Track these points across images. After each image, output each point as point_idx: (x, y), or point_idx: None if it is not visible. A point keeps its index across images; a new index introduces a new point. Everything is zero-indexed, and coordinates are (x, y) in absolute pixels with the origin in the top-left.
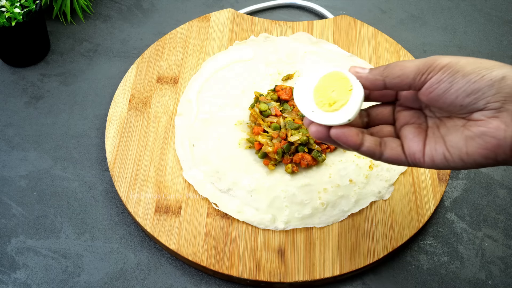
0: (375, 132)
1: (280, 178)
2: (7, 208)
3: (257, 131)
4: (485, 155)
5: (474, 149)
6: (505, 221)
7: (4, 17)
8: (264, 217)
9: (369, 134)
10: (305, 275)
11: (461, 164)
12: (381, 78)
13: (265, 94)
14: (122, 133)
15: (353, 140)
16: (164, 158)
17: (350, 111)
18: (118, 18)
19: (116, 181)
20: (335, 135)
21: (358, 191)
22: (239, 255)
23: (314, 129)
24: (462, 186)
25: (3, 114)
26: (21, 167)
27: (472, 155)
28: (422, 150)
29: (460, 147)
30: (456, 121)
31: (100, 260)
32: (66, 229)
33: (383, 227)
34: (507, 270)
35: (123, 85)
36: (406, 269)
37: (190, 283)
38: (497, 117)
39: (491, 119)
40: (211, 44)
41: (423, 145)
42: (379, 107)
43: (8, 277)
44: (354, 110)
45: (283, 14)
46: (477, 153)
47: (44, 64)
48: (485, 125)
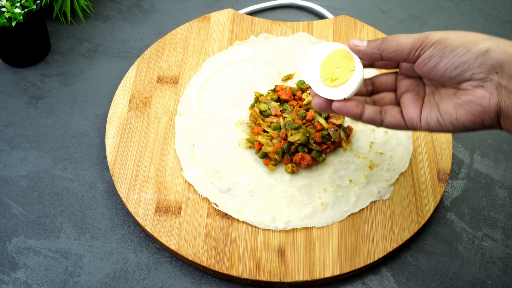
0: (377, 99)
1: (280, 178)
2: (7, 208)
3: (257, 131)
4: (473, 120)
5: (463, 115)
6: (505, 221)
7: (5, 17)
8: (264, 217)
9: (372, 102)
10: (305, 275)
11: (452, 128)
12: (378, 52)
13: (265, 94)
14: (122, 133)
15: (353, 111)
16: (164, 158)
17: (348, 90)
18: (118, 18)
19: (116, 181)
20: (336, 108)
21: (358, 191)
22: (239, 255)
23: (316, 101)
24: (462, 186)
25: (3, 114)
26: (21, 167)
27: (461, 120)
28: (419, 115)
29: (451, 113)
30: (448, 90)
31: (100, 260)
32: (66, 229)
33: (383, 227)
34: (507, 270)
35: (123, 85)
36: (406, 269)
37: (190, 283)
38: (482, 87)
39: (477, 89)
40: (211, 44)
41: (420, 111)
42: (383, 77)
43: (9, 277)
44: (351, 90)
45: (283, 14)
46: (465, 119)
47: (44, 64)
48: (471, 94)
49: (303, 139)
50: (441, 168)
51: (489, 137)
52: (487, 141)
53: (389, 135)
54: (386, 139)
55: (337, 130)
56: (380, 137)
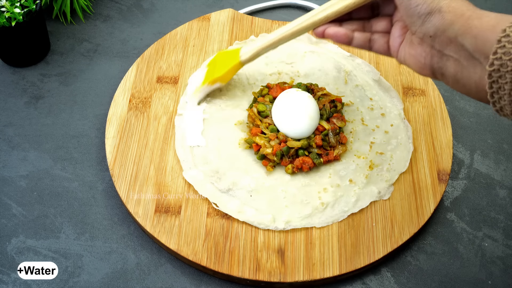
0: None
1: (280, 178)
2: (7, 208)
3: (255, 132)
4: (419, 71)
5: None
6: (505, 221)
7: (4, 17)
8: (264, 217)
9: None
10: (305, 275)
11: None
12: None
13: (257, 91)
14: (122, 133)
15: (343, 38)
16: (164, 158)
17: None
18: (118, 18)
19: (116, 181)
20: (328, 34)
21: (358, 191)
22: (239, 255)
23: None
24: (462, 186)
25: (3, 114)
26: (21, 167)
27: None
28: (398, 49)
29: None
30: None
31: (100, 260)
32: (66, 229)
33: (383, 227)
34: (507, 270)
35: (123, 85)
36: (406, 269)
37: (190, 283)
38: (421, 45)
39: (419, 45)
40: (211, 44)
41: (399, 44)
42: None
43: (8, 277)
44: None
45: (283, 14)
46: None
47: (44, 64)
48: (415, 48)
49: (304, 144)
50: (441, 168)
51: (490, 137)
52: (487, 141)
53: (389, 135)
54: (386, 139)
55: (337, 133)
56: (380, 137)
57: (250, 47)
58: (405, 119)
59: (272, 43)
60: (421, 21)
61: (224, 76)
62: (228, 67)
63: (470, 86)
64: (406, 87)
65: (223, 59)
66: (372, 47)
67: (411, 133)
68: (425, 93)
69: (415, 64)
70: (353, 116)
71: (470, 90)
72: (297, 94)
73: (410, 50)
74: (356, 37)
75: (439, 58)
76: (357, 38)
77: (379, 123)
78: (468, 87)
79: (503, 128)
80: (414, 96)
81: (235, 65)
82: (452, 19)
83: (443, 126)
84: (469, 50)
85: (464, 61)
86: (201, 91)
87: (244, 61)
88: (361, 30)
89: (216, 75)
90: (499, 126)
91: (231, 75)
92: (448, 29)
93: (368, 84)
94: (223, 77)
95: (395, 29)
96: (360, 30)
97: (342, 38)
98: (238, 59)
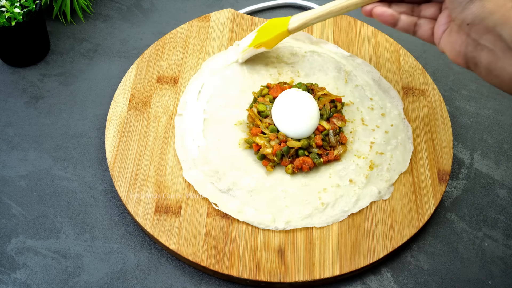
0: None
1: (280, 178)
2: (7, 208)
3: (255, 132)
4: (453, 59)
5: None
6: (505, 221)
7: (4, 17)
8: (264, 217)
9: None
10: (305, 275)
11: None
12: None
13: (257, 91)
14: (122, 133)
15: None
16: (164, 158)
17: None
18: (118, 18)
19: (116, 181)
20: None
21: (358, 191)
22: (239, 255)
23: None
24: (462, 186)
25: (3, 114)
26: (21, 167)
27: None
28: (440, 36)
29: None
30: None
31: (100, 260)
32: (66, 229)
33: (383, 227)
34: (507, 270)
35: (123, 85)
36: (406, 269)
37: (190, 283)
38: (458, 32)
39: (456, 33)
40: (211, 44)
41: (443, 32)
42: None
43: (8, 277)
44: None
45: (283, 14)
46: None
47: (44, 64)
48: (453, 35)
49: (304, 144)
50: (441, 168)
51: (490, 137)
52: (487, 141)
53: (389, 135)
54: (386, 139)
55: (337, 133)
56: (380, 137)
57: (299, 17)
58: (405, 119)
59: (320, 15)
60: (461, 7)
61: (269, 41)
62: (275, 34)
63: (503, 78)
64: (406, 87)
65: (273, 25)
66: (416, 32)
67: (411, 133)
68: (425, 93)
69: (450, 52)
70: (353, 116)
71: (502, 81)
72: (297, 94)
73: (449, 38)
74: (402, 20)
75: (474, 47)
76: (403, 20)
77: (379, 123)
78: (501, 78)
79: (503, 128)
80: (414, 96)
81: (282, 33)
82: (492, 8)
83: (443, 126)
84: (507, 41)
85: (500, 52)
86: (247, 52)
87: (292, 30)
88: (409, 13)
89: (263, 39)
90: (499, 126)
91: (277, 42)
92: (487, 18)
93: (368, 84)
94: (269, 43)
95: (442, 16)
96: (407, 13)
97: (387, 19)
98: (286, 27)
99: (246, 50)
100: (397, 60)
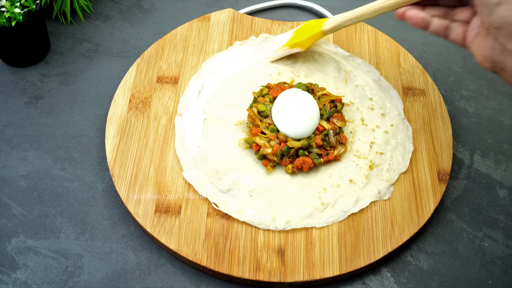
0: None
1: (280, 178)
2: (7, 208)
3: (255, 132)
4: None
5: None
6: (505, 221)
7: (4, 17)
8: (264, 217)
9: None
10: (305, 275)
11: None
12: None
13: (257, 91)
14: (122, 133)
15: (420, 22)
16: (164, 158)
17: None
18: (118, 18)
19: (116, 181)
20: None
21: (358, 191)
22: (239, 255)
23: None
24: (462, 186)
25: (3, 114)
26: (21, 167)
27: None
28: (472, 40)
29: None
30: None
31: (100, 260)
32: (66, 229)
33: (383, 227)
34: (507, 270)
35: (123, 85)
36: (406, 269)
37: (190, 283)
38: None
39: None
40: (211, 44)
41: (475, 36)
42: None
43: (8, 277)
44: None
45: (283, 14)
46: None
47: (44, 64)
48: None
49: (304, 143)
50: (441, 168)
51: (489, 137)
52: (487, 141)
53: (389, 135)
54: (386, 139)
55: (337, 133)
56: (380, 137)
57: (334, 19)
58: (405, 119)
59: (355, 17)
60: (489, 10)
61: (304, 42)
62: (310, 34)
63: None
64: (406, 87)
65: (309, 27)
66: (448, 35)
67: (411, 133)
68: (425, 93)
69: (478, 55)
70: (353, 116)
71: None
72: (297, 94)
73: (477, 41)
74: (434, 23)
75: (501, 52)
76: (435, 23)
77: (379, 123)
78: None
79: (503, 128)
80: (414, 96)
81: (317, 33)
82: None
83: (443, 126)
84: None
85: None
86: (281, 51)
87: (326, 30)
88: (442, 17)
89: (297, 39)
90: (499, 126)
91: (311, 43)
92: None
93: (368, 84)
94: (303, 43)
95: (475, 19)
96: (440, 16)
97: (419, 22)
98: (320, 27)
99: (280, 50)
100: (397, 60)
